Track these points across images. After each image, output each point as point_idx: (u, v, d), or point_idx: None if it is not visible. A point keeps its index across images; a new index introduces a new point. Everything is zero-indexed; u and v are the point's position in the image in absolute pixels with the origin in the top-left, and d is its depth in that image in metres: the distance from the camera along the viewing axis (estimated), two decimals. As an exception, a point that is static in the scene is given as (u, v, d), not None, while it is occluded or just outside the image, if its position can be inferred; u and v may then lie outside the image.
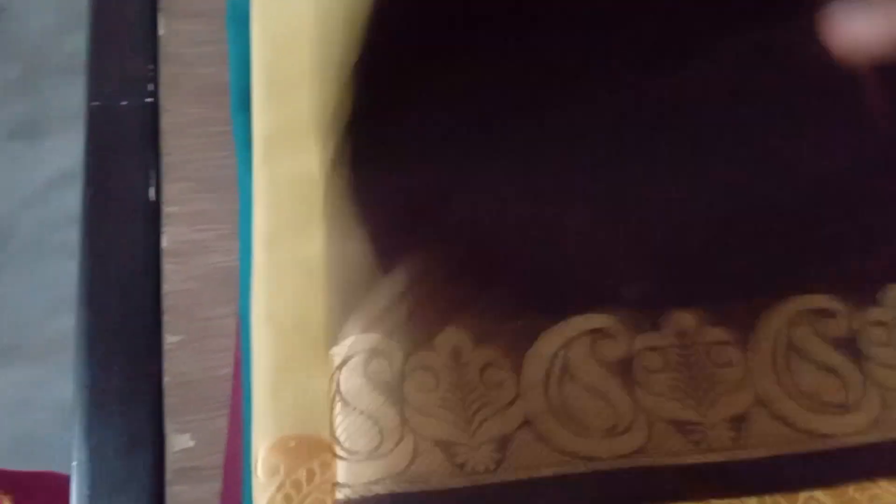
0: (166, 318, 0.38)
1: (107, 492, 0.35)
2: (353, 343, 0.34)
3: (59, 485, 0.35)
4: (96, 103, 0.42)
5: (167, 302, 0.38)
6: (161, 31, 0.44)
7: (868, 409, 0.33)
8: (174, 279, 0.38)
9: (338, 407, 0.33)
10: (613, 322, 0.35)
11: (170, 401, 0.37)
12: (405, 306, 0.35)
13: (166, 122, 0.42)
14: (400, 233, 0.37)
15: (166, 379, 0.37)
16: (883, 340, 0.34)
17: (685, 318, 0.35)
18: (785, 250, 0.36)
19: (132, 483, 0.35)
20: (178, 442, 0.36)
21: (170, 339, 0.37)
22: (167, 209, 0.40)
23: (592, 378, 0.34)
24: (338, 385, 0.34)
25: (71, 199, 0.39)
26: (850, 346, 0.34)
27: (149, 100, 0.42)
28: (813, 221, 0.37)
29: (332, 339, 0.35)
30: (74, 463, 0.36)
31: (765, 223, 0.37)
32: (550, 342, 0.34)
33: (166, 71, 0.43)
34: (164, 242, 0.39)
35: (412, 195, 0.37)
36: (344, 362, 0.34)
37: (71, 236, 0.40)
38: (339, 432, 0.33)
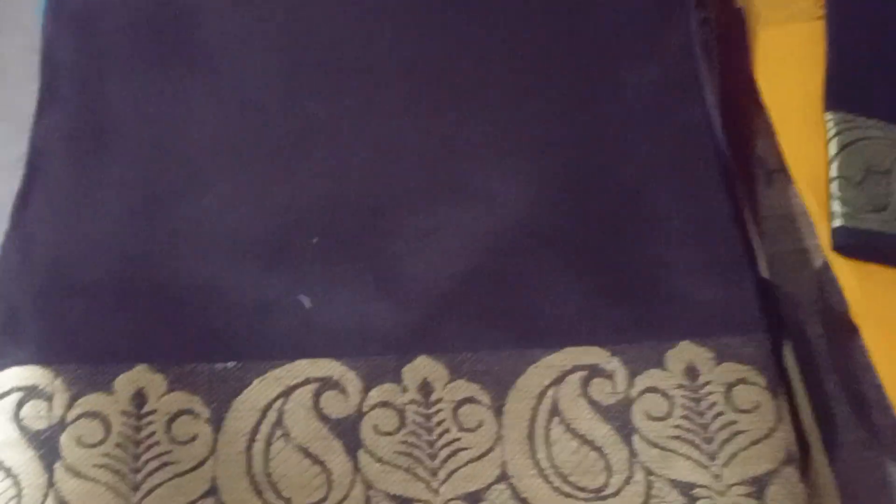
0: None
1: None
2: (9, 376, 0.28)
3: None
4: None
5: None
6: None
7: (630, 497, 0.27)
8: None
9: None
10: (346, 370, 0.29)
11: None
12: (83, 334, 0.29)
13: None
14: (87, 251, 0.31)
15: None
16: (660, 412, 0.29)
17: (434, 368, 0.29)
18: (562, 293, 0.30)
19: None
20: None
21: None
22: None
23: (309, 437, 0.28)
24: None
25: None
26: (622, 416, 0.29)
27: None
28: (600, 257, 0.31)
29: None
30: None
31: (541, 259, 0.31)
32: (266, 389, 0.29)
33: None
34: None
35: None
36: None
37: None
38: None
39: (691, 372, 0.29)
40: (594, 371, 0.29)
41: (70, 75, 0.34)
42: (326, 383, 0.29)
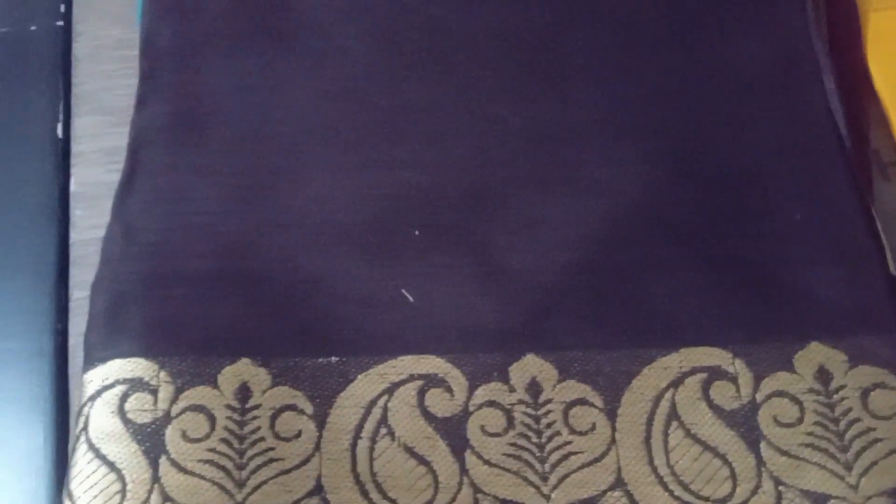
0: (74, 272, 0.34)
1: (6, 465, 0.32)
2: (113, 369, 0.28)
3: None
4: (4, 29, 0.37)
5: (75, 252, 0.34)
6: (73, -57, 0.39)
7: None
8: (83, 226, 0.35)
9: (81, 449, 0.27)
10: (451, 367, 0.28)
11: (77, 363, 0.33)
12: (187, 325, 0.28)
13: (80, 47, 0.37)
14: (189, 239, 0.30)
15: (73, 340, 0.33)
16: (790, 418, 0.27)
17: (542, 368, 0.28)
18: (678, 288, 0.29)
19: (34, 458, 0.32)
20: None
21: (77, 294, 0.34)
22: (77, 147, 0.36)
23: (414, 436, 0.27)
24: (86, 422, 0.28)
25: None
26: (747, 421, 0.27)
27: (60, 23, 0.37)
28: (718, 250, 0.30)
29: (91, 356, 0.29)
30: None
31: (655, 251, 0.30)
32: (370, 386, 0.28)
33: (80, -12, 0.38)
34: (73, 185, 0.35)
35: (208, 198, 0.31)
36: (98, 393, 0.28)
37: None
38: (75, 485, 0.27)
39: (823, 375, 0.27)
40: (715, 373, 0.28)
41: (169, 65, 0.33)
42: (431, 381, 0.28)
